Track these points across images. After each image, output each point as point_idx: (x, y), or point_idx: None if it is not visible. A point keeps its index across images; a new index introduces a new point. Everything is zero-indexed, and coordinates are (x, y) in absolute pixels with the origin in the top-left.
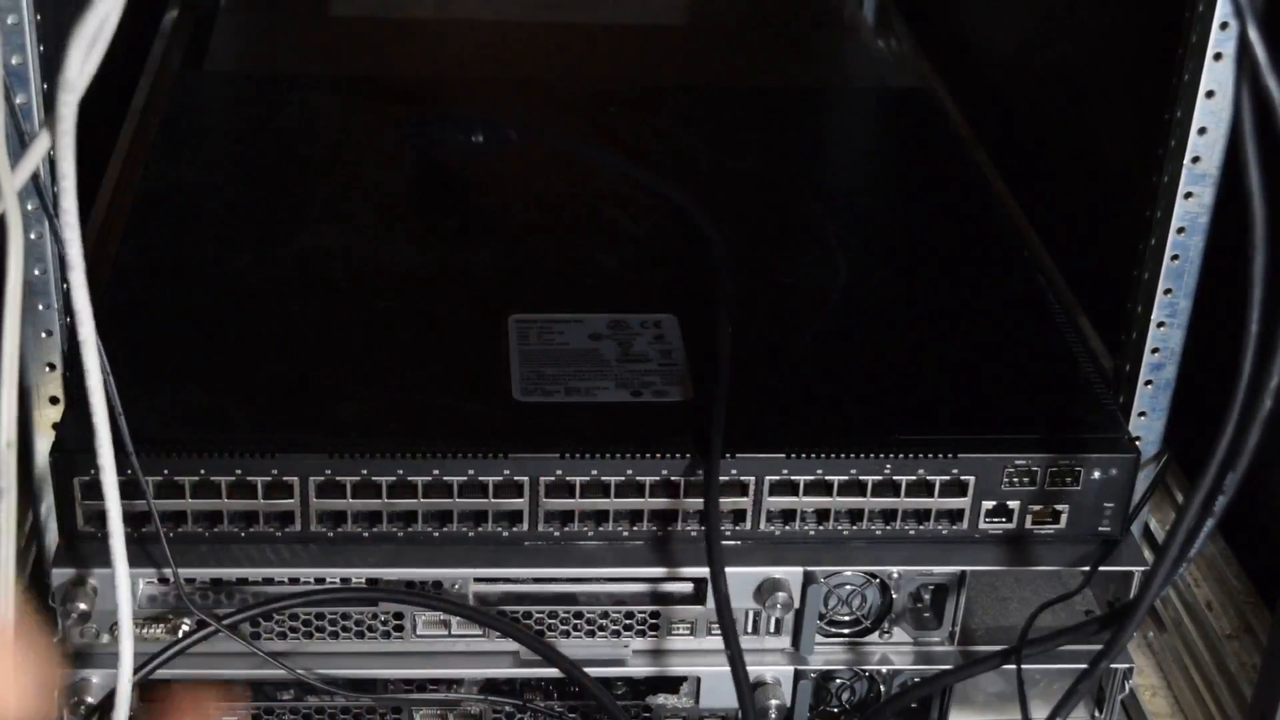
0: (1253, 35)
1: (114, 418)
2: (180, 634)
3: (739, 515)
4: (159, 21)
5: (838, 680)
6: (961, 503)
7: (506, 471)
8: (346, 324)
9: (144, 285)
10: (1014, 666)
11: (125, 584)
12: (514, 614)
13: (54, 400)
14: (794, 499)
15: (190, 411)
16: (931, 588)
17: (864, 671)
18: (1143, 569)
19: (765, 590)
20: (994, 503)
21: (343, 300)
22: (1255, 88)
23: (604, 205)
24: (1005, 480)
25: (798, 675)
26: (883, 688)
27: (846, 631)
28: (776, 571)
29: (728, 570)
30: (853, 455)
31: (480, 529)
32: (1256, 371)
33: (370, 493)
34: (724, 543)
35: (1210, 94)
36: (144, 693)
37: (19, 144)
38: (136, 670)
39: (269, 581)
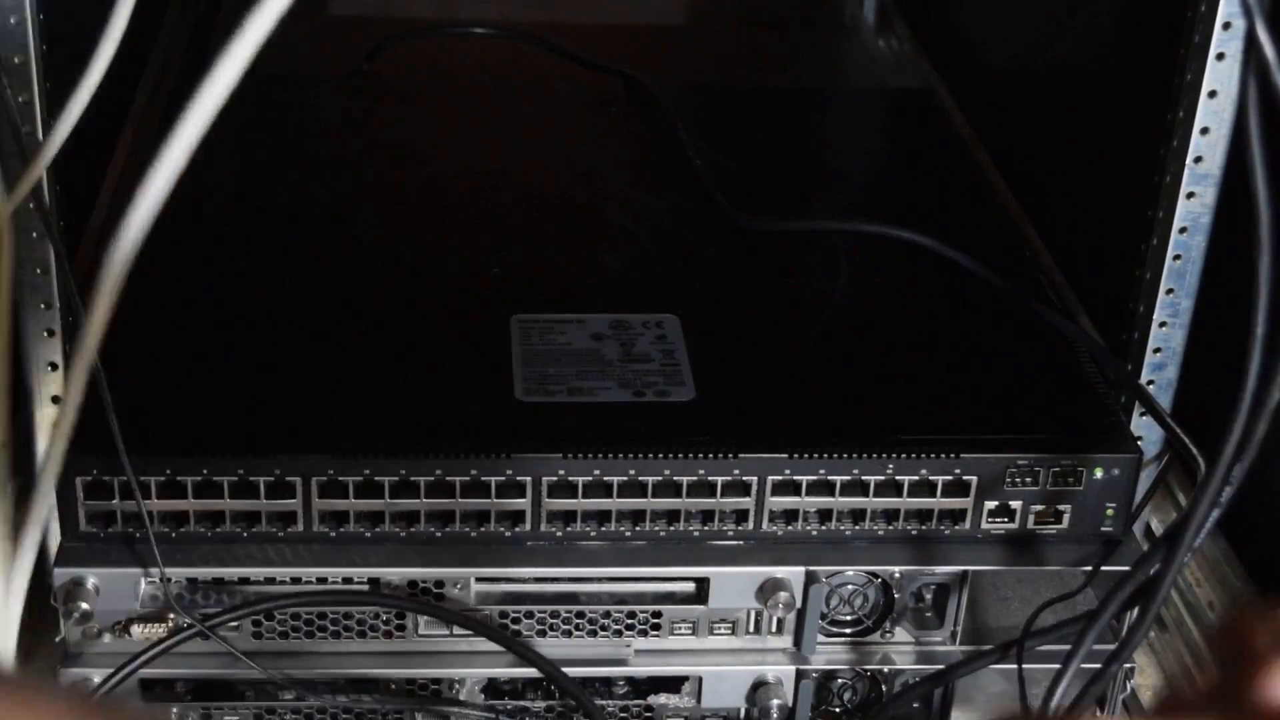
0: (1261, 34)
1: (107, 419)
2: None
3: (741, 515)
4: (159, 21)
5: (840, 680)
6: (964, 503)
7: (509, 471)
8: (349, 324)
9: (144, 285)
10: (1017, 664)
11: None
12: (516, 614)
13: (56, 400)
14: (796, 499)
15: (192, 412)
16: (933, 587)
17: (866, 671)
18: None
19: (767, 590)
20: (996, 503)
21: (344, 300)
22: (1263, 86)
23: (606, 205)
24: (1008, 480)
25: (799, 675)
26: (884, 687)
27: (848, 631)
28: (779, 571)
29: (730, 569)
30: (855, 455)
31: (483, 529)
32: (1263, 367)
33: (373, 493)
34: (727, 542)
35: (1213, 94)
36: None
37: (17, 144)
38: (121, 669)
39: (271, 581)
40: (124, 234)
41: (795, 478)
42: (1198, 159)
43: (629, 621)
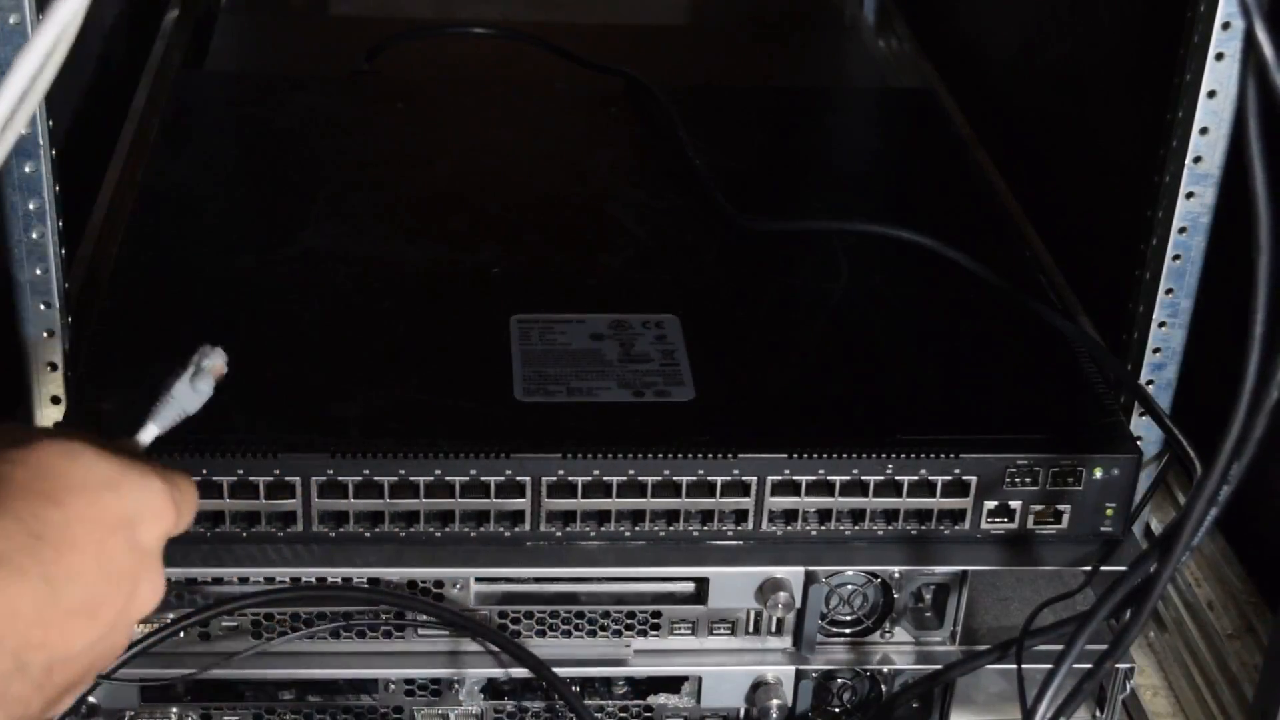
0: (1260, 34)
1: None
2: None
3: (741, 515)
4: (159, 21)
5: (839, 680)
6: (963, 503)
7: (508, 471)
8: (348, 324)
9: (144, 285)
10: (1015, 664)
11: None
12: (515, 614)
13: (55, 400)
14: (796, 499)
15: None
16: (933, 587)
17: (865, 671)
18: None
19: (767, 590)
20: (996, 503)
21: (344, 300)
22: (1261, 86)
23: (606, 205)
24: (1007, 480)
25: (799, 675)
26: (884, 687)
27: (848, 631)
28: (778, 571)
29: (731, 569)
30: (855, 455)
31: (482, 529)
32: (1262, 366)
33: (372, 493)
34: (726, 542)
35: (1212, 94)
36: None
37: None
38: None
39: (270, 581)
40: None
41: (795, 478)
42: (1197, 159)
43: (628, 621)
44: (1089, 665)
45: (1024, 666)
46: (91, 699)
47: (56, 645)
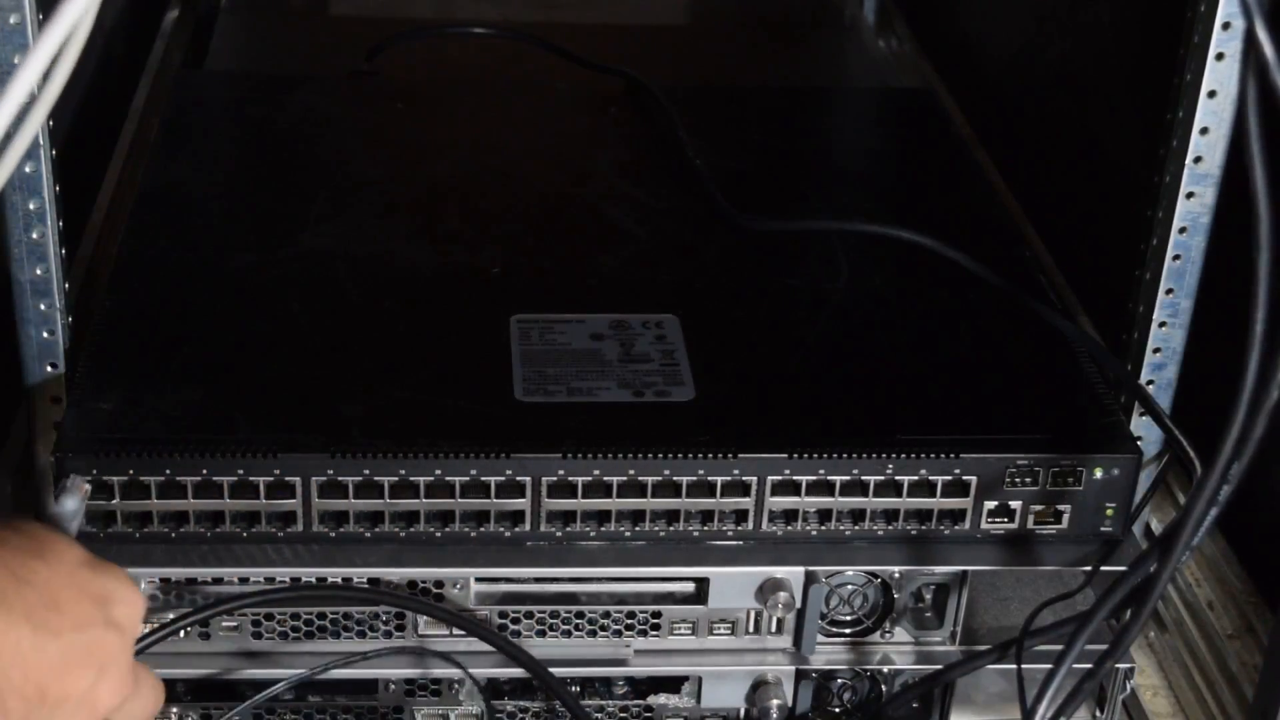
0: (1260, 33)
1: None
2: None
3: (741, 515)
4: (159, 21)
5: (839, 680)
6: (963, 503)
7: (509, 471)
8: (348, 324)
9: (144, 285)
10: (1015, 663)
11: None
12: (515, 614)
13: (55, 400)
14: (796, 499)
15: (192, 412)
16: (933, 587)
17: (865, 671)
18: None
19: (767, 590)
20: (996, 503)
21: (344, 300)
22: (1262, 86)
23: (606, 205)
24: (1007, 480)
25: (799, 675)
26: (884, 687)
27: (848, 631)
28: (778, 571)
29: (730, 569)
30: (855, 455)
31: (482, 529)
32: (1262, 366)
33: (372, 493)
34: (726, 542)
35: (1212, 94)
36: None
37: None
38: None
39: (270, 581)
40: None
41: (795, 478)
42: (1197, 159)
43: (628, 622)
44: (1089, 665)
45: (1024, 666)
46: None
47: (31, 696)
